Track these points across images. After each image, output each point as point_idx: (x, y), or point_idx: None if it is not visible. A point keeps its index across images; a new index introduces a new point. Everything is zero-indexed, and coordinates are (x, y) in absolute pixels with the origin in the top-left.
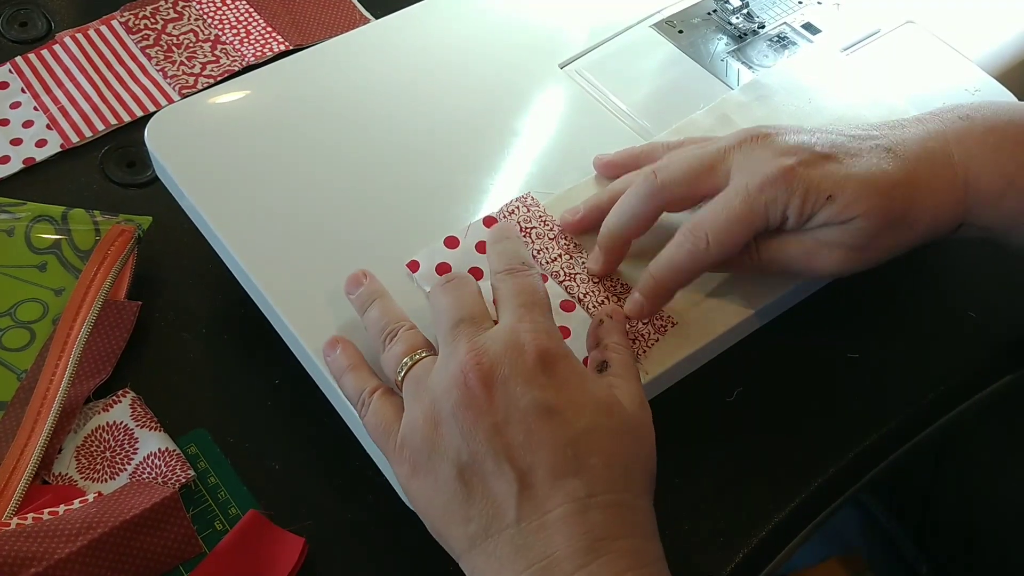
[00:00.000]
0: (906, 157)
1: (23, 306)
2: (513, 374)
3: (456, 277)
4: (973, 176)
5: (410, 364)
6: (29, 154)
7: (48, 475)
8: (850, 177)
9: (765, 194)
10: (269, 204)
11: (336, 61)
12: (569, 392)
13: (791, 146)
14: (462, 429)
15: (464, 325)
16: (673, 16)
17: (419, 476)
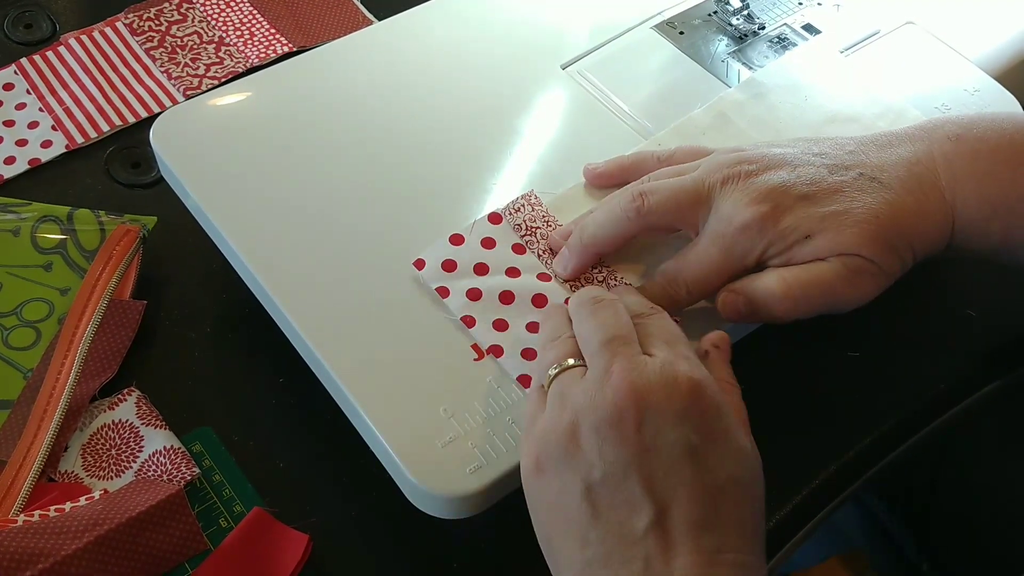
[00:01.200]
0: (891, 186)
1: (29, 305)
2: (665, 407)
3: (606, 298)
4: (960, 201)
5: (560, 370)
6: (34, 155)
7: (54, 473)
8: (828, 217)
9: (740, 244)
10: (274, 204)
11: (339, 62)
12: (715, 437)
13: (769, 189)
14: (602, 448)
15: (617, 344)
16: (674, 17)
17: (543, 478)
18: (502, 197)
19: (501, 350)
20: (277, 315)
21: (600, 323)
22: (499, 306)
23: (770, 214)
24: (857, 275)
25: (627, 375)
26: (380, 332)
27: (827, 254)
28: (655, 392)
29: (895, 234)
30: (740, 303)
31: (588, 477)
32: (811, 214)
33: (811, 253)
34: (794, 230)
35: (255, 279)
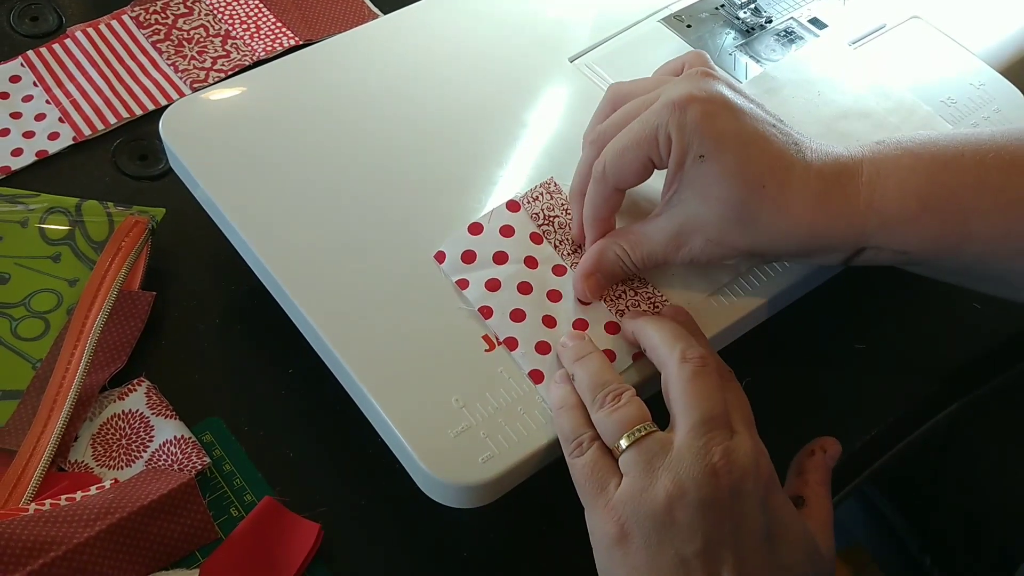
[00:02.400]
0: (811, 164)
1: (37, 296)
2: (754, 492)
3: (705, 371)
4: (880, 196)
5: (643, 434)
6: (42, 147)
7: (64, 463)
8: (733, 151)
9: (659, 116)
10: (284, 194)
11: (346, 56)
12: (785, 523)
13: (710, 87)
14: (703, 524)
15: (716, 425)
16: (681, 11)
17: (630, 546)
18: (509, 189)
19: (516, 343)
20: (288, 305)
21: (704, 396)
22: (517, 296)
23: (699, 102)
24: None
25: (726, 460)
26: (391, 322)
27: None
28: (748, 478)
29: (767, 214)
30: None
31: (683, 550)
32: (722, 137)
33: (692, 174)
34: (700, 134)
35: (265, 269)
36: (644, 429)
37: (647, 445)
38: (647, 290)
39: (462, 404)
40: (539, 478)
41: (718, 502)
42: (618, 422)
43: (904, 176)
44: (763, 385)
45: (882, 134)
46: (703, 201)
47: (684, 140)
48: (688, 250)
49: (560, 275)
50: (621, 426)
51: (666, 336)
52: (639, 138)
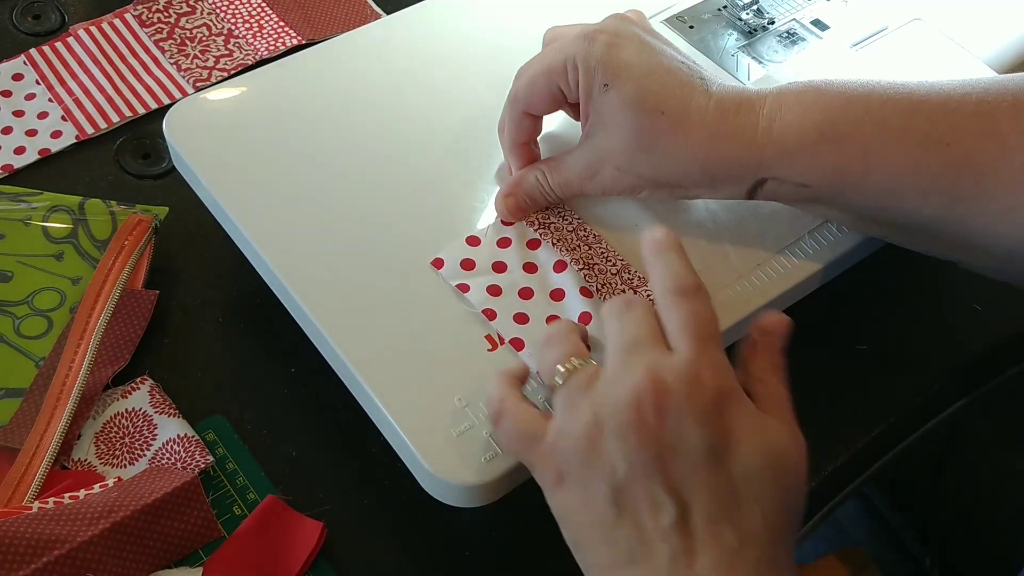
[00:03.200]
0: (713, 96)
1: (40, 295)
2: (688, 407)
3: (633, 300)
4: (779, 126)
5: (572, 370)
6: (44, 145)
7: (67, 461)
8: (634, 80)
9: (570, 47)
10: (287, 194)
11: (350, 56)
12: (739, 437)
13: (619, 26)
14: (625, 451)
15: (641, 347)
16: (684, 12)
17: (566, 487)
18: None
19: (522, 343)
20: (291, 305)
21: (624, 325)
22: (519, 301)
23: (605, 34)
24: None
25: (649, 380)
26: (394, 322)
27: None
28: (678, 393)
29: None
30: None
31: (613, 480)
32: (625, 66)
33: (598, 104)
34: (604, 68)
35: (269, 268)
36: (575, 364)
37: (573, 380)
38: (646, 288)
39: (465, 404)
40: None
41: (641, 425)
42: (552, 360)
43: (805, 109)
44: None
45: None
46: (609, 130)
47: (590, 70)
48: (600, 179)
49: (560, 271)
50: (554, 362)
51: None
52: (549, 66)
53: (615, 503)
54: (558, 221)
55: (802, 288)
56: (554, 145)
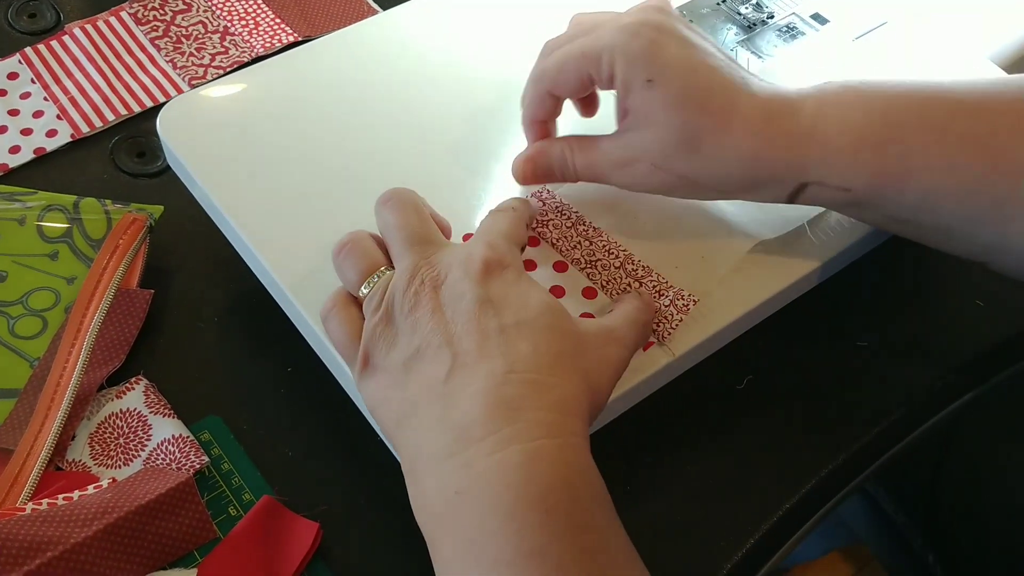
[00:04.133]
0: (756, 96)
1: (35, 294)
2: (461, 277)
3: (401, 196)
4: (822, 129)
5: (375, 282)
6: (40, 144)
7: (62, 462)
8: (679, 76)
9: (609, 38)
10: (281, 192)
11: (346, 52)
12: (509, 291)
13: (662, 19)
14: (412, 326)
15: (417, 241)
16: (683, 6)
17: (373, 372)
18: (511, 185)
19: None
20: (286, 304)
21: (398, 223)
22: None
23: (648, 28)
24: (632, 163)
25: (424, 262)
26: None
27: (643, 112)
28: (452, 268)
29: (711, 139)
30: (529, 169)
31: (406, 354)
32: (669, 62)
33: (639, 99)
34: (646, 63)
35: (263, 268)
36: (380, 274)
37: (377, 285)
38: (651, 278)
39: None
40: None
41: (422, 300)
42: (352, 276)
43: (846, 110)
44: (765, 383)
45: None
46: (650, 125)
47: (632, 64)
48: (631, 172)
49: (561, 271)
50: (353, 279)
51: None
52: (583, 52)
53: (406, 370)
54: (556, 218)
55: (803, 284)
56: None
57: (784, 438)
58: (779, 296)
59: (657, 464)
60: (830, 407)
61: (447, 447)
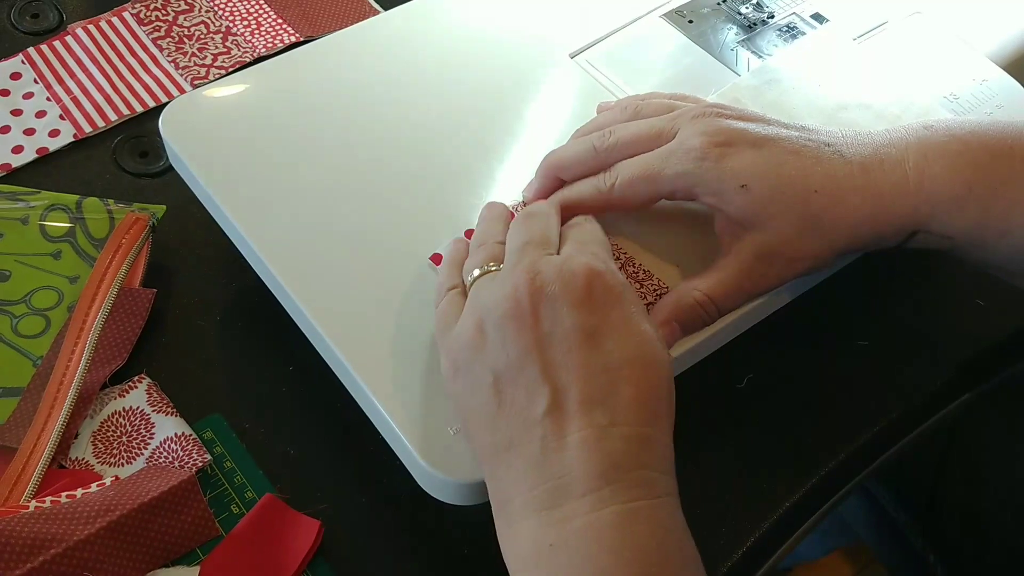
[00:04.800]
0: (851, 160)
1: (38, 294)
2: (562, 295)
3: (536, 209)
4: (930, 181)
5: (480, 274)
6: (42, 144)
7: (65, 459)
8: (767, 174)
9: (679, 164)
10: (283, 191)
11: (348, 52)
12: (613, 321)
13: (729, 128)
14: (504, 340)
15: (529, 247)
16: (683, 6)
17: (459, 378)
18: (513, 185)
19: None
20: (288, 303)
21: (518, 229)
22: None
23: (720, 147)
24: (768, 262)
25: (526, 272)
26: (391, 319)
27: (751, 216)
28: (553, 283)
29: (830, 217)
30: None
31: (495, 369)
32: (756, 165)
33: (740, 206)
34: (733, 174)
35: (265, 267)
36: (485, 268)
37: (481, 280)
38: (652, 282)
39: None
40: None
41: (519, 314)
42: (471, 265)
43: (952, 161)
44: (767, 381)
45: (883, 124)
46: (765, 228)
47: (718, 185)
48: (772, 274)
49: None
50: (470, 268)
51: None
52: (655, 176)
53: (497, 391)
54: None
55: (801, 284)
56: None
57: (784, 437)
58: (777, 297)
59: None
60: (830, 406)
61: (545, 499)
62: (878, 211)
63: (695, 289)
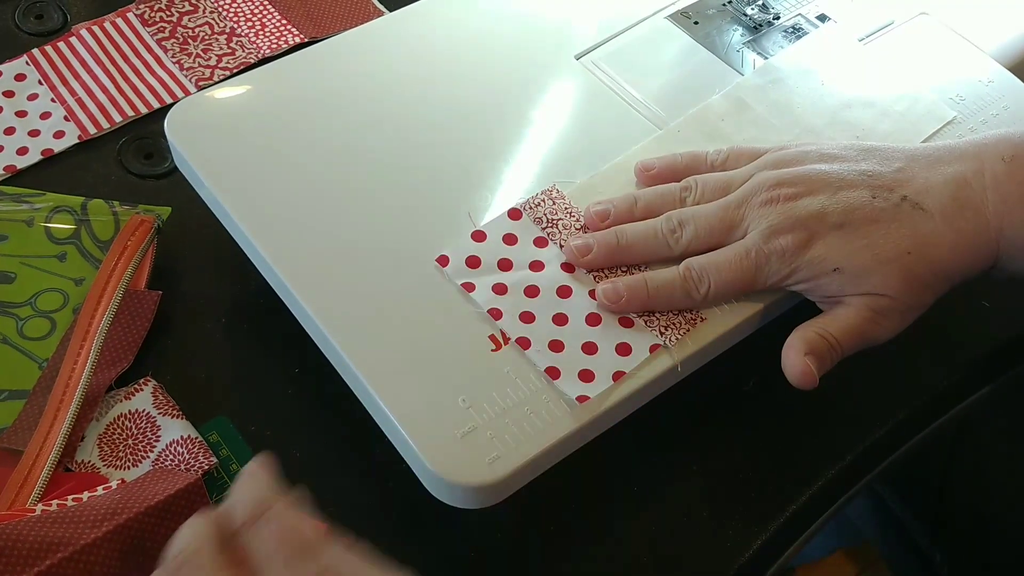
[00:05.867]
0: (933, 214)
1: (43, 296)
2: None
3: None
4: (1008, 225)
5: None
6: (47, 145)
7: (71, 463)
8: (858, 251)
9: (772, 265)
10: (289, 193)
11: (353, 53)
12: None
13: (807, 216)
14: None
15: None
16: (688, 7)
17: None
18: (517, 186)
19: (528, 342)
20: (294, 305)
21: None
22: (525, 300)
23: (804, 242)
24: (884, 316)
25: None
26: (397, 321)
27: (852, 290)
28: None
29: (927, 271)
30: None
31: None
32: (843, 246)
33: (838, 286)
34: (823, 260)
35: (271, 269)
36: None
37: None
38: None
39: (468, 404)
40: (544, 479)
41: None
42: None
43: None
44: (774, 383)
45: (887, 123)
46: (870, 296)
47: (808, 274)
48: (892, 326)
49: (569, 271)
50: None
51: None
52: (748, 283)
53: None
54: (566, 218)
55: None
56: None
57: (792, 438)
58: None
59: (664, 465)
60: (837, 407)
61: None
62: (966, 258)
63: (824, 329)
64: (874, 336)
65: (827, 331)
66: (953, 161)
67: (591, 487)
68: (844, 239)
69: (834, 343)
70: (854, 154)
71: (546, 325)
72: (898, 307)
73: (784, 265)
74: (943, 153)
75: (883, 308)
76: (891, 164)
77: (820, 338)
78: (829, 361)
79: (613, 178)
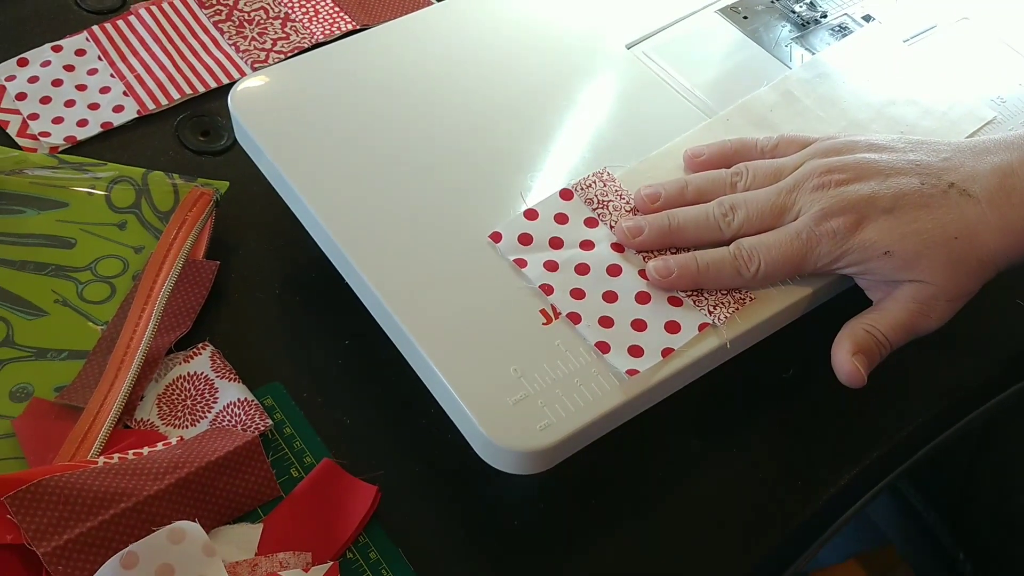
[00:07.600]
0: (980, 200)
1: (103, 262)
2: None
3: None
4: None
5: None
6: (107, 119)
7: (130, 420)
8: (908, 235)
9: (823, 247)
10: (348, 169)
11: (407, 39)
12: None
13: (857, 199)
14: None
15: None
16: (738, 2)
17: None
18: (567, 169)
19: (579, 317)
20: (352, 277)
21: None
22: (576, 277)
23: (854, 224)
24: (930, 306)
25: None
26: (453, 294)
27: (901, 275)
28: None
29: (973, 257)
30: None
31: None
32: (893, 230)
33: (888, 269)
34: (874, 244)
35: (331, 240)
36: None
37: None
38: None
39: (520, 374)
40: (589, 451)
41: None
42: None
43: None
44: (803, 380)
45: (930, 120)
46: (919, 282)
47: (859, 257)
48: (939, 315)
49: (619, 251)
50: None
51: None
52: (799, 263)
53: None
54: (616, 200)
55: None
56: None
57: (817, 436)
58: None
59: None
60: (864, 405)
61: None
62: (1012, 244)
63: (872, 326)
64: (923, 327)
65: (875, 327)
66: (999, 151)
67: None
68: (894, 223)
69: (882, 339)
70: (902, 145)
71: (596, 302)
72: (944, 295)
73: (835, 247)
74: (989, 144)
75: (929, 298)
76: (938, 154)
77: (868, 335)
78: (878, 357)
79: (661, 164)
